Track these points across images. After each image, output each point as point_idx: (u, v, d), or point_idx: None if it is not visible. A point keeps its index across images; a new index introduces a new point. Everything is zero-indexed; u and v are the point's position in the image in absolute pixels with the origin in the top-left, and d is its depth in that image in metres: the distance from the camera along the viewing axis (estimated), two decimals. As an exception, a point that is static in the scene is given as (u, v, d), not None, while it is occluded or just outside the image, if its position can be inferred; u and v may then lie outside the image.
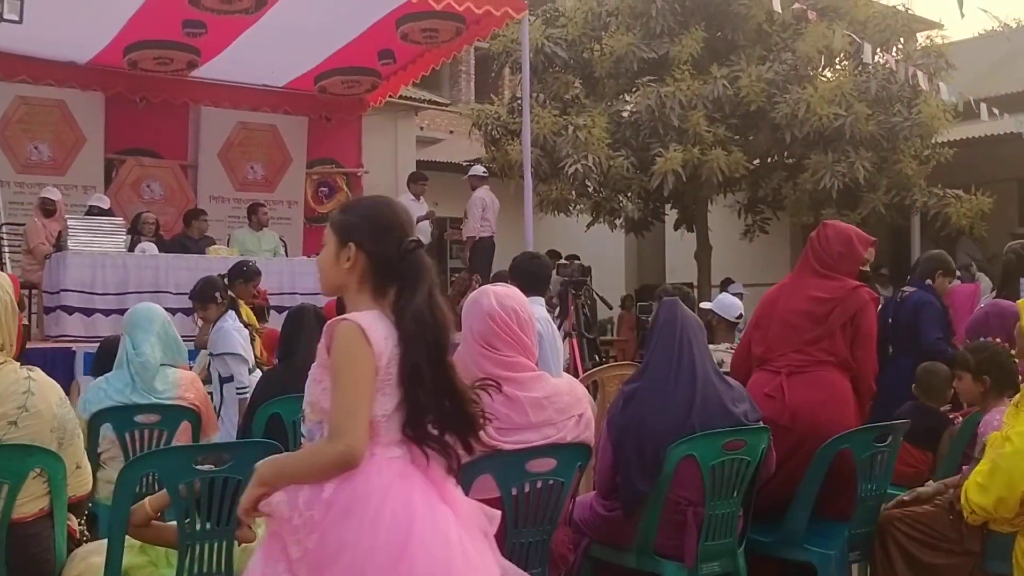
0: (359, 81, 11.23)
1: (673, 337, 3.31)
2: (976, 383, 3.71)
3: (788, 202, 11.81)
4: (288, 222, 11.60)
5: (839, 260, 3.91)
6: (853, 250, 3.93)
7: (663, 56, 11.43)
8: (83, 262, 7.70)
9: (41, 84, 10.09)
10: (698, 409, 3.18)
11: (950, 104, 10.77)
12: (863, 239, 3.99)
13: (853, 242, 3.94)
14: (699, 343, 3.35)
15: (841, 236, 3.96)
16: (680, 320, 3.35)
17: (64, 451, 2.96)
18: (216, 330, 5.57)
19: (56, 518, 2.96)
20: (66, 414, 3.00)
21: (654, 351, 3.34)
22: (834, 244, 3.94)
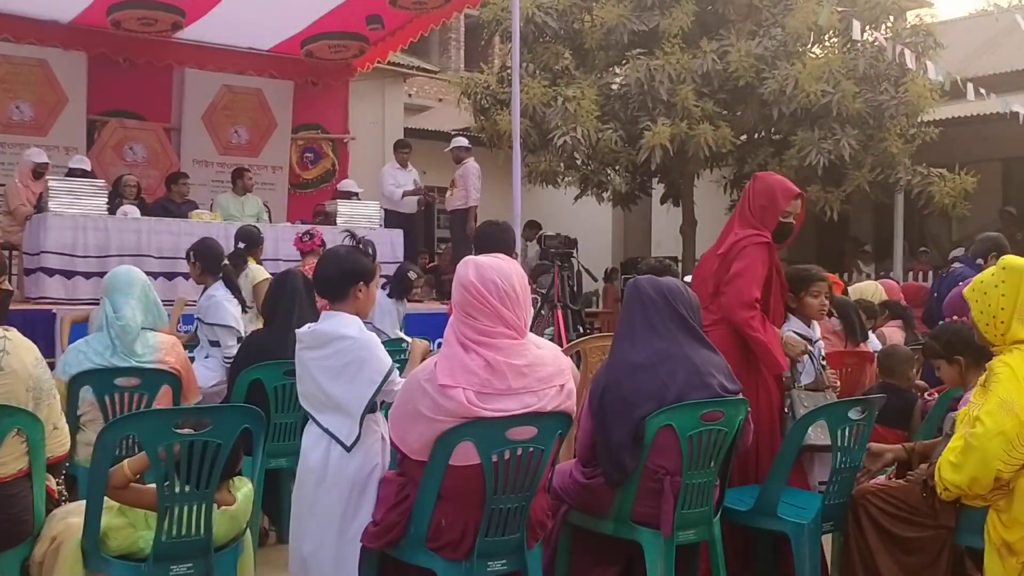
0: (347, 46, 11.12)
1: (651, 310, 3.31)
2: (952, 366, 3.73)
3: (774, 178, 11.83)
4: (272, 187, 11.53)
5: (762, 213, 4.04)
6: (775, 202, 4.03)
7: (653, 29, 11.38)
8: (64, 224, 7.63)
9: (23, 43, 9.95)
10: (677, 380, 3.19)
11: (937, 83, 10.79)
12: (787, 191, 4.07)
13: (776, 195, 4.05)
14: (677, 314, 3.32)
15: (766, 189, 4.08)
16: (659, 293, 3.33)
17: (40, 411, 2.97)
18: (207, 298, 5.55)
19: (34, 478, 2.96)
20: (42, 374, 3.00)
21: (633, 325, 3.34)
22: (759, 197, 4.07)
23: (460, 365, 2.83)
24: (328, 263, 3.34)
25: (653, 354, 3.23)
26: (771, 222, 4.04)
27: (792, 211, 4.09)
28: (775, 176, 4.29)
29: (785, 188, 4.09)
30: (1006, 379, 3.03)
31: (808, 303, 4.19)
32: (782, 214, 4.06)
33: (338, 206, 9.49)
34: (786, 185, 4.11)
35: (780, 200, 4.04)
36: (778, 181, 4.17)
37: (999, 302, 3.13)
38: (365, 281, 3.27)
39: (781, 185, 4.11)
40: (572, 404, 3.02)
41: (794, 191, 4.11)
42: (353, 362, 3.11)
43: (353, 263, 3.28)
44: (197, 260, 5.69)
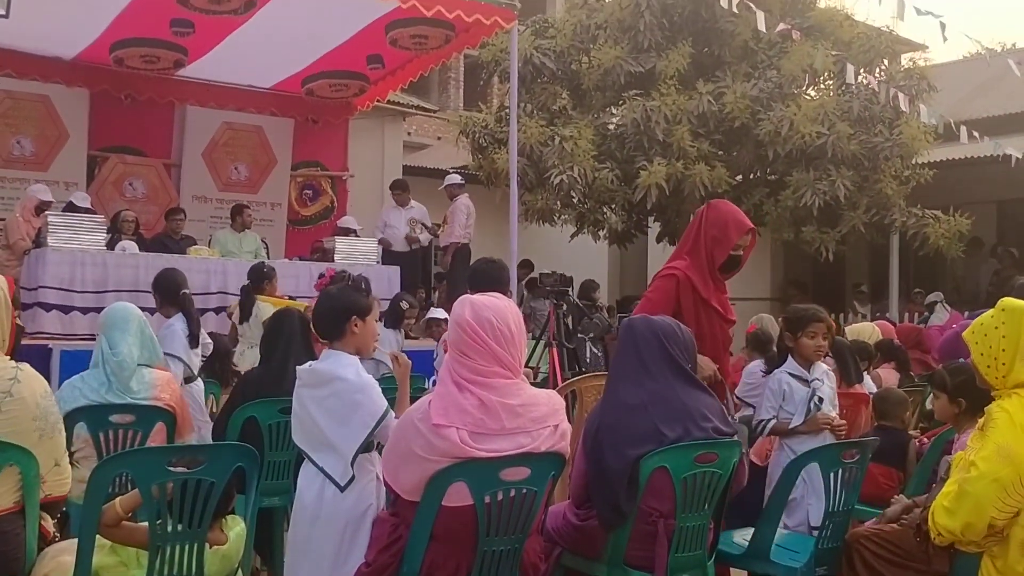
0: (347, 85, 11.24)
1: (646, 351, 3.32)
2: (951, 405, 3.74)
3: (770, 218, 11.89)
4: (271, 224, 11.58)
5: (713, 243, 4.06)
6: (727, 235, 4.06)
7: (650, 70, 11.50)
8: (62, 259, 7.66)
9: (26, 79, 10.05)
10: (672, 421, 3.19)
11: (931, 126, 10.89)
12: (739, 225, 4.09)
13: (728, 227, 4.07)
14: (672, 355, 3.33)
15: (719, 220, 4.10)
16: (653, 334, 3.35)
17: (44, 444, 2.95)
18: (166, 327, 5.55)
19: (28, 516, 2.95)
20: (50, 407, 3.00)
21: (629, 365, 3.35)
22: (711, 227, 4.09)
23: (454, 404, 2.83)
24: (321, 303, 3.41)
25: (647, 395, 3.24)
26: (721, 254, 4.06)
27: (743, 244, 4.11)
28: (729, 207, 4.28)
29: (738, 222, 4.10)
30: (1004, 425, 3.02)
31: (804, 344, 4.18)
32: (733, 247, 4.07)
33: (336, 243, 9.54)
34: (739, 218, 4.12)
35: (732, 233, 4.06)
36: (731, 213, 4.17)
37: (1000, 343, 3.13)
38: (359, 315, 3.30)
39: (734, 218, 4.12)
40: (566, 445, 3.02)
41: (747, 226, 4.12)
42: (348, 404, 3.12)
43: (346, 299, 3.34)
44: (155, 291, 5.73)
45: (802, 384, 4.17)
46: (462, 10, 8.34)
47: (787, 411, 4.15)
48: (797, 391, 4.17)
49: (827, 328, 4.25)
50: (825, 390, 4.22)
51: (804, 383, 4.15)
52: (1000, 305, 3.22)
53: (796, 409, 4.11)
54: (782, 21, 10.73)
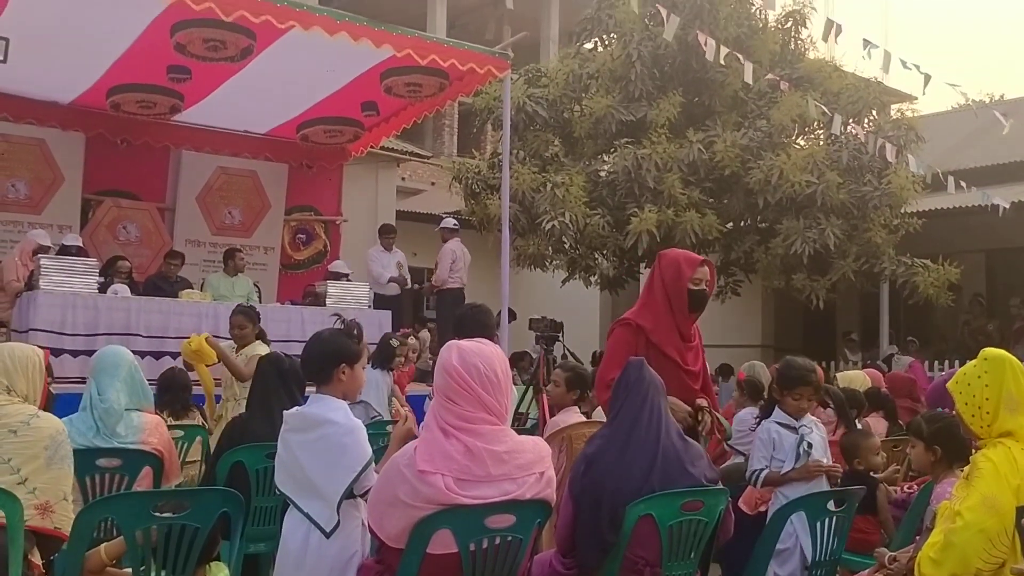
0: (342, 131, 11.32)
1: (637, 398, 3.34)
2: (927, 452, 3.75)
3: (760, 265, 11.98)
4: (263, 268, 11.59)
5: (673, 287, 4.10)
6: (681, 273, 4.11)
7: (641, 119, 11.65)
8: (54, 302, 7.66)
9: (22, 123, 10.08)
10: (658, 469, 3.20)
11: (919, 176, 11.02)
12: (690, 260, 4.15)
13: (681, 266, 4.13)
14: (661, 403, 3.38)
15: (671, 263, 4.16)
16: (646, 381, 3.38)
17: (51, 471, 3.08)
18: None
19: (11, 559, 2.92)
20: (63, 443, 3.19)
21: (618, 412, 3.37)
22: (666, 272, 4.15)
23: (439, 451, 2.83)
24: (313, 346, 3.39)
25: (635, 441, 3.24)
26: (683, 294, 4.10)
27: (702, 278, 4.15)
28: (677, 250, 4.39)
29: (688, 258, 4.18)
30: (989, 475, 3.03)
31: (788, 403, 4.21)
32: (691, 282, 4.11)
33: (328, 287, 9.56)
34: (689, 255, 4.21)
35: (685, 270, 4.11)
36: (682, 253, 4.26)
37: (983, 392, 3.16)
38: (348, 363, 3.30)
39: (685, 256, 4.21)
40: (552, 492, 3.01)
41: (698, 259, 4.18)
42: (335, 448, 3.12)
43: (336, 345, 3.33)
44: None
45: (790, 432, 4.19)
46: (456, 59, 8.44)
47: (778, 459, 4.16)
48: (786, 438, 4.19)
49: (814, 390, 4.29)
50: (815, 437, 4.24)
51: (792, 431, 4.17)
52: (982, 355, 3.25)
53: (786, 456, 4.12)
54: (771, 72, 10.91)
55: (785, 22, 12.57)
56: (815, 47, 12.87)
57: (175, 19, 7.86)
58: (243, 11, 7.30)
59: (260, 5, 7.44)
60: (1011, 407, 3.11)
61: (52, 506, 2.97)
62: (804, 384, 4.19)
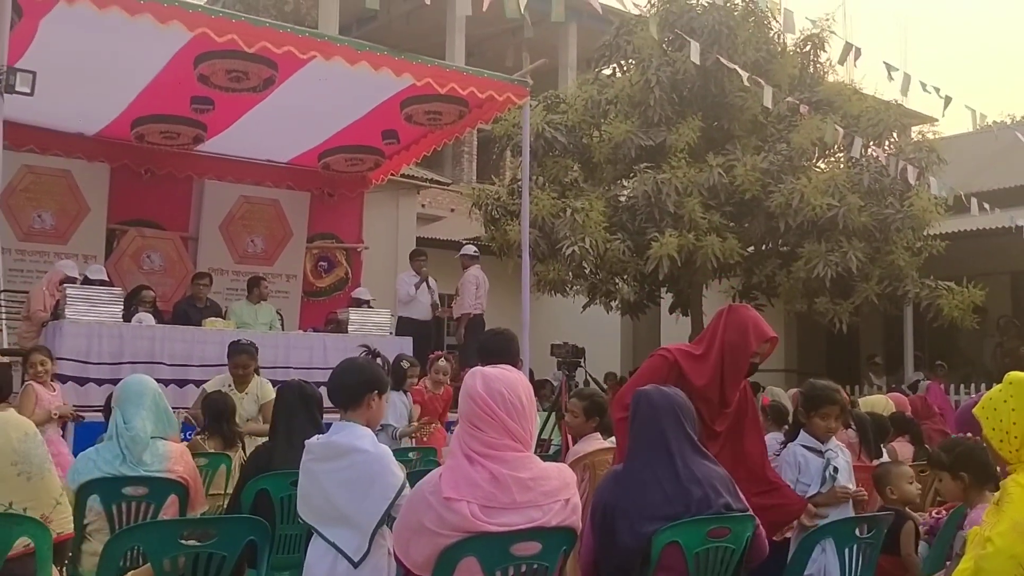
0: (363, 159, 11.42)
1: (648, 430, 3.30)
2: (955, 481, 3.69)
3: (782, 289, 11.93)
4: (286, 296, 11.67)
5: (732, 349, 3.88)
6: (746, 343, 3.87)
7: (660, 144, 11.67)
8: (79, 331, 7.74)
9: (48, 154, 10.26)
10: (680, 496, 3.17)
11: (941, 198, 10.96)
12: (760, 335, 3.89)
13: (748, 336, 3.88)
14: (678, 430, 3.31)
15: (739, 326, 3.91)
16: (657, 410, 3.34)
17: (33, 486, 2.89)
18: None
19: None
20: (32, 448, 2.91)
21: (631, 446, 3.34)
22: (731, 332, 3.92)
23: (464, 478, 2.82)
24: (347, 371, 3.42)
25: (659, 468, 3.22)
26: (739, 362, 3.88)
27: (761, 352, 3.96)
28: (750, 313, 4.07)
29: (758, 330, 3.93)
30: (1019, 501, 2.98)
31: (815, 424, 4.17)
32: (751, 355, 3.92)
33: (350, 314, 9.59)
34: (760, 325, 3.95)
35: (752, 342, 3.90)
36: (752, 320, 3.98)
37: (1010, 417, 3.11)
38: (379, 391, 3.35)
39: (755, 325, 3.94)
40: (577, 519, 3.00)
41: (768, 334, 3.94)
42: (366, 476, 3.12)
43: (372, 373, 3.40)
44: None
45: (816, 455, 4.15)
46: (475, 87, 8.52)
47: (803, 483, 4.13)
48: (812, 462, 4.16)
49: (840, 410, 4.24)
50: (840, 461, 4.20)
51: (818, 454, 4.14)
52: (1007, 379, 3.21)
53: (812, 480, 4.09)
54: (791, 96, 10.91)
55: (804, 46, 12.59)
56: (834, 70, 12.88)
57: (198, 51, 7.98)
58: (265, 42, 7.41)
59: (282, 36, 7.56)
60: (1040, 431, 3.07)
61: (49, 516, 2.94)
62: (830, 403, 4.16)
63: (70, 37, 7.59)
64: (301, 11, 20.23)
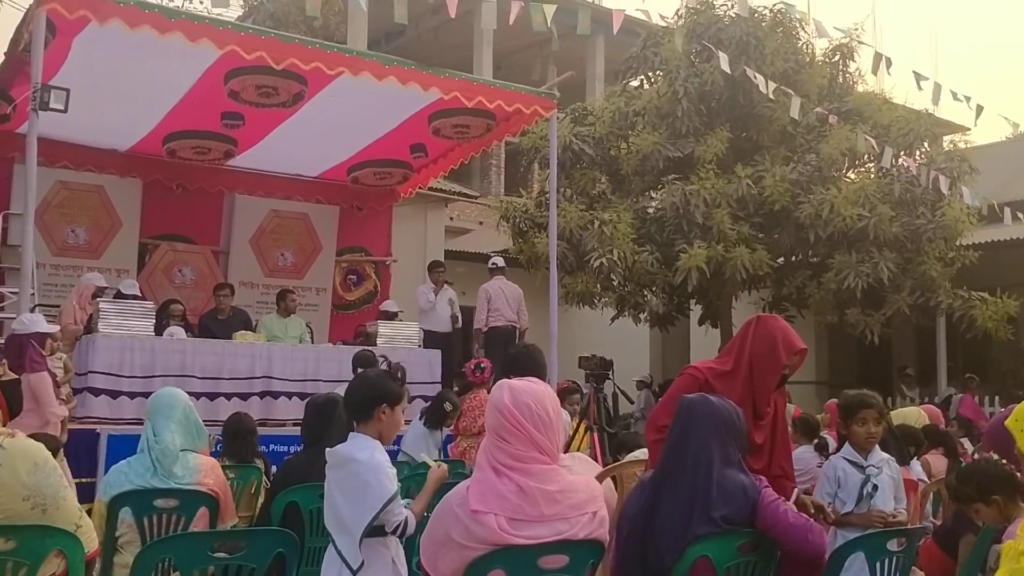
0: (391, 173, 11.49)
1: (682, 441, 3.28)
2: (990, 507, 3.63)
3: (812, 301, 11.83)
4: (316, 309, 11.75)
5: (760, 364, 3.77)
6: (776, 355, 3.77)
7: (688, 155, 11.64)
8: (112, 345, 7.83)
9: (81, 170, 10.42)
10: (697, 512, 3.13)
11: (974, 208, 10.83)
12: (789, 346, 3.78)
13: (777, 347, 3.77)
14: (715, 439, 3.27)
15: (767, 337, 3.79)
16: (693, 422, 3.30)
17: (51, 516, 2.90)
18: None
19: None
20: (42, 480, 2.91)
21: (663, 455, 3.32)
22: (759, 344, 3.81)
23: (492, 490, 2.82)
24: (357, 385, 3.50)
25: (686, 480, 3.18)
26: (772, 375, 3.78)
27: (791, 364, 3.84)
28: (779, 324, 3.92)
29: (787, 340, 3.80)
30: (1053, 514, 2.96)
31: (855, 431, 4.11)
32: (781, 368, 3.81)
33: (379, 327, 9.63)
34: (789, 335, 3.83)
35: (781, 353, 3.78)
36: (781, 329, 3.85)
37: None
38: (389, 404, 3.39)
39: (784, 336, 3.81)
40: (604, 532, 2.99)
41: (796, 347, 3.81)
42: (360, 485, 3.19)
43: (381, 386, 3.43)
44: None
45: (857, 471, 4.10)
46: (503, 100, 8.55)
47: (841, 498, 4.09)
48: (851, 477, 4.10)
49: (878, 414, 4.17)
50: (883, 478, 4.12)
51: (859, 469, 4.09)
52: None
53: (849, 496, 4.04)
54: (819, 106, 10.84)
55: (832, 55, 12.52)
56: (864, 80, 12.79)
57: (228, 67, 8.08)
58: (293, 59, 7.49)
59: (310, 52, 7.63)
60: (1073, 445, 3.03)
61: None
62: (866, 407, 4.10)
63: (103, 55, 7.72)
64: (330, 27, 20.41)
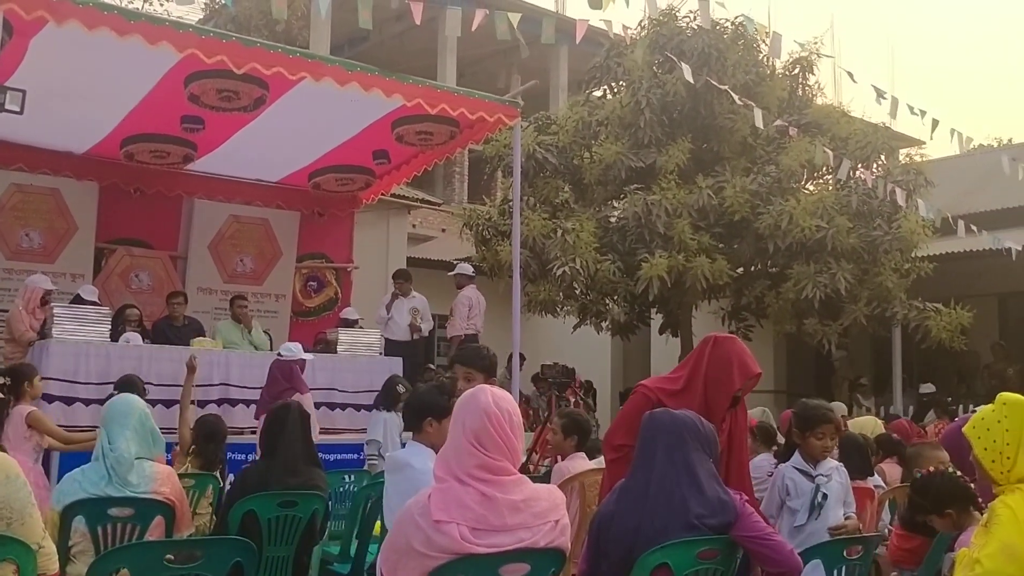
0: (353, 179, 11.41)
1: (650, 453, 3.29)
2: (944, 519, 3.70)
3: (771, 310, 11.95)
4: (275, 315, 11.62)
5: (715, 386, 3.78)
6: (730, 379, 3.78)
7: (650, 165, 11.72)
8: (66, 351, 7.69)
9: (37, 172, 10.20)
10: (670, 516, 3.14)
11: (929, 220, 11.02)
12: (744, 371, 3.80)
13: (732, 372, 3.79)
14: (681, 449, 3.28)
15: (722, 361, 3.80)
16: (662, 434, 3.31)
17: (14, 531, 2.88)
18: None
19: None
20: (12, 494, 2.91)
21: (634, 467, 3.32)
22: (714, 367, 3.81)
23: (454, 500, 2.81)
24: (410, 399, 4.02)
25: (653, 487, 3.19)
26: (720, 399, 3.79)
27: (744, 388, 3.86)
28: (735, 348, 3.90)
29: (743, 367, 3.82)
30: (1008, 522, 2.99)
31: (811, 444, 4.16)
32: (733, 391, 3.81)
33: (339, 334, 9.57)
34: (744, 362, 3.84)
35: (736, 379, 3.80)
36: (737, 354, 3.85)
37: (1004, 437, 3.13)
38: (435, 417, 3.67)
39: (740, 361, 3.83)
40: (566, 540, 2.98)
41: (751, 372, 3.83)
42: (412, 489, 3.18)
43: (427, 400, 3.80)
44: None
45: (807, 479, 4.15)
46: (466, 107, 8.53)
47: (791, 506, 4.13)
48: (802, 485, 4.15)
49: (835, 429, 4.24)
50: (832, 486, 4.17)
51: (809, 478, 4.13)
52: (1000, 399, 3.23)
53: (801, 505, 4.08)
54: (779, 118, 10.98)
55: (792, 69, 12.69)
56: (823, 93, 12.99)
57: (189, 70, 7.98)
58: (255, 63, 7.41)
59: (271, 56, 7.56)
60: (1030, 452, 3.08)
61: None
62: (825, 422, 4.16)
63: (60, 56, 7.59)
64: (293, 31, 20.31)
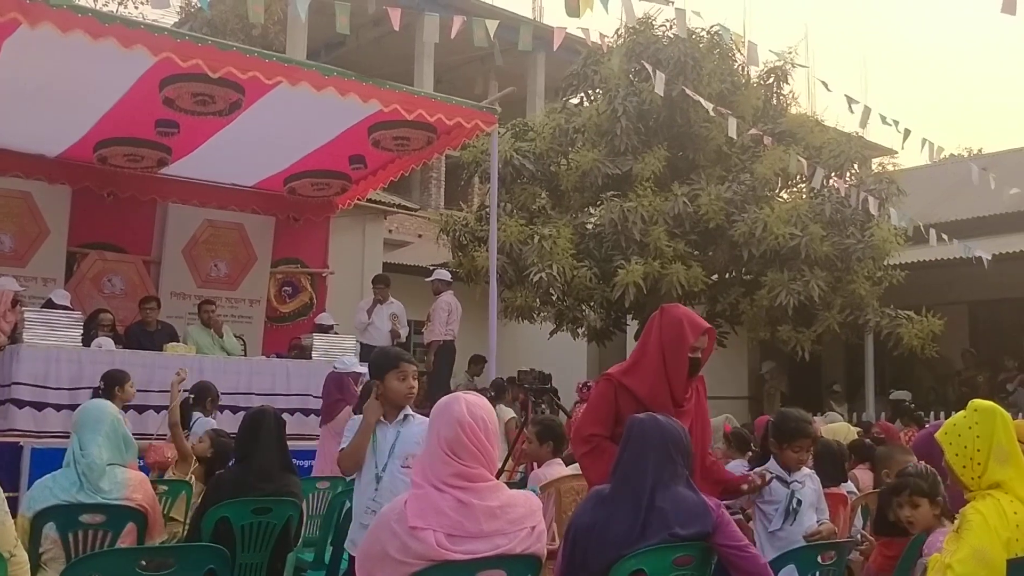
0: (329, 184, 11.37)
1: (632, 457, 3.29)
2: (933, 506, 3.73)
3: (745, 317, 12.03)
4: (249, 321, 11.55)
5: (671, 350, 3.89)
6: (684, 338, 3.89)
7: (626, 172, 11.77)
8: (37, 355, 7.61)
9: (8, 176, 10.08)
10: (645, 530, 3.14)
11: (901, 228, 11.14)
12: (695, 326, 3.92)
13: (684, 330, 3.90)
14: (664, 458, 3.28)
15: (673, 324, 3.92)
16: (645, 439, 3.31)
17: None
18: None
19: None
20: None
21: (614, 470, 3.32)
22: (667, 332, 3.93)
23: (431, 506, 2.80)
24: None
25: (633, 496, 3.18)
26: (682, 360, 3.89)
27: (700, 346, 3.96)
28: (683, 310, 4.10)
29: (693, 323, 3.95)
30: (978, 527, 3.03)
31: (788, 456, 4.19)
32: (690, 350, 3.91)
33: (314, 340, 9.53)
34: (693, 319, 3.98)
35: (688, 336, 3.90)
36: (686, 315, 4.00)
37: (975, 444, 3.17)
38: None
39: (689, 319, 3.97)
40: (542, 547, 2.98)
41: (703, 326, 3.96)
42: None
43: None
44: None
45: (782, 485, 4.17)
46: (443, 113, 8.54)
47: (766, 508, 4.15)
48: (777, 491, 4.17)
49: (812, 442, 4.27)
50: (806, 493, 4.20)
51: (784, 484, 4.16)
52: (971, 406, 3.27)
53: (776, 508, 4.10)
54: (754, 127, 11.07)
55: (767, 78, 12.80)
56: (797, 102, 13.10)
57: (164, 74, 7.94)
58: (230, 67, 7.37)
59: (247, 60, 7.53)
60: (1001, 458, 3.13)
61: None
62: (804, 436, 4.17)
63: (33, 59, 7.52)
64: (269, 36, 20.21)
